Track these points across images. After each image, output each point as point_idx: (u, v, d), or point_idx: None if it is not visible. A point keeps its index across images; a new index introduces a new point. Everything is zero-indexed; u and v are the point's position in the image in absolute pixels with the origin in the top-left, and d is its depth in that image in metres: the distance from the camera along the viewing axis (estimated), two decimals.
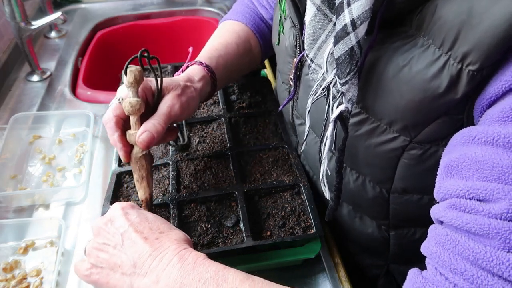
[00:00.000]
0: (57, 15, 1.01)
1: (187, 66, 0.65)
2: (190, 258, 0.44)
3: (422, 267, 0.69)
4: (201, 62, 0.65)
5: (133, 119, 0.53)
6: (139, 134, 0.52)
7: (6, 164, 0.79)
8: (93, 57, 1.19)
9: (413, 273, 0.40)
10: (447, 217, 0.37)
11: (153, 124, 0.52)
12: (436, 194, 0.40)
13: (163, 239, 0.46)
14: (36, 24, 0.98)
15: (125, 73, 0.52)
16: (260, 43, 0.78)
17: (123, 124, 0.55)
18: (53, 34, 1.22)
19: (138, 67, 0.53)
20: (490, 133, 0.36)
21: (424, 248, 0.40)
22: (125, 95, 0.54)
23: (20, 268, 0.64)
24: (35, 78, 1.03)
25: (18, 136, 0.85)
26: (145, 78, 0.55)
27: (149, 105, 0.56)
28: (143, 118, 0.53)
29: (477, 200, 0.35)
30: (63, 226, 0.66)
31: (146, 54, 0.54)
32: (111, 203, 0.61)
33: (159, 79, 0.55)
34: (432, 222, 0.59)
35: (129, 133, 0.53)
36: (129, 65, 0.52)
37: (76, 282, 0.61)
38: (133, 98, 0.52)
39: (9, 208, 0.72)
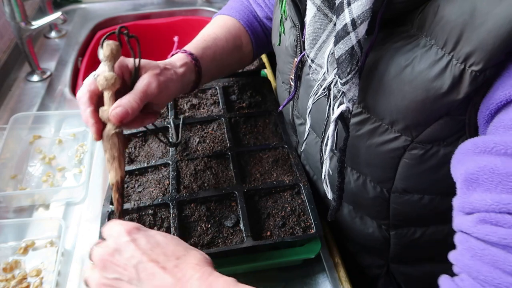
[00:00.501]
0: (57, 15, 1.01)
1: (172, 55, 0.65)
2: (219, 285, 0.41)
3: (422, 267, 0.70)
4: (185, 50, 0.65)
5: (107, 95, 0.51)
6: (113, 108, 0.49)
7: (6, 164, 0.79)
8: (93, 57, 1.19)
9: (448, 284, 0.39)
10: (481, 233, 0.36)
11: (128, 100, 0.50)
12: (460, 207, 0.39)
13: (183, 266, 0.42)
14: (36, 24, 0.98)
15: (102, 47, 0.51)
16: (252, 41, 0.78)
17: (97, 101, 0.52)
18: (53, 34, 1.22)
19: (115, 41, 0.51)
20: (509, 143, 0.35)
21: (457, 261, 0.39)
22: (101, 71, 0.52)
23: (20, 268, 0.64)
24: (35, 78, 1.03)
25: (18, 136, 0.85)
26: (122, 57, 0.54)
27: (125, 84, 0.54)
28: (119, 97, 0.51)
29: (508, 213, 0.34)
30: (63, 226, 0.66)
31: (125, 31, 0.52)
32: (111, 203, 0.61)
33: (137, 60, 0.53)
34: (433, 221, 0.59)
35: (102, 109, 0.51)
36: (106, 39, 0.51)
37: (76, 282, 0.61)
38: (108, 72, 0.50)
39: (9, 208, 0.72)
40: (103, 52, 0.50)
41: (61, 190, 0.75)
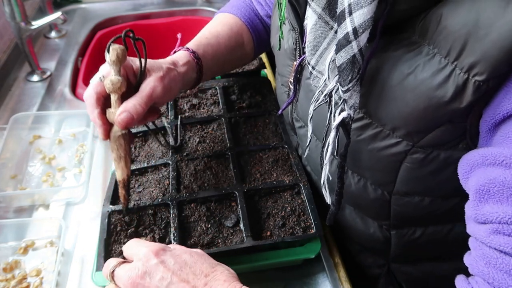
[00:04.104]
0: (57, 15, 1.01)
1: (174, 52, 0.65)
2: None
3: (423, 266, 0.70)
4: (188, 48, 0.65)
5: (113, 98, 0.52)
6: (118, 113, 0.51)
7: (6, 164, 0.79)
8: (93, 57, 1.19)
9: (464, 287, 0.41)
10: (494, 243, 0.38)
11: (134, 104, 0.51)
12: (473, 217, 0.40)
13: (212, 283, 0.44)
14: (36, 24, 0.98)
15: (108, 51, 0.51)
16: (254, 39, 0.78)
17: (104, 102, 0.54)
18: (53, 34, 1.22)
19: (121, 45, 0.52)
20: None
21: (472, 266, 0.41)
22: (106, 73, 0.53)
23: (20, 268, 0.64)
24: (35, 78, 1.03)
25: (18, 136, 0.85)
26: (128, 57, 0.54)
27: (131, 84, 0.55)
28: (124, 98, 0.53)
29: None
30: (63, 226, 0.66)
31: (131, 35, 0.53)
32: (111, 203, 0.61)
33: (143, 60, 0.54)
34: (432, 222, 0.59)
35: (109, 111, 0.53)
36: (112, 43, 0.52)
37: (76, 282, 0.61)
38: (115, 77, 0.51)
39: (9, 208, 0.72)
40: (109, 56, 0.51)
41: (61, 190, 0.75)
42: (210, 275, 0.45)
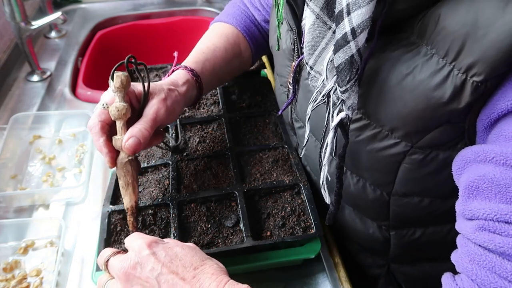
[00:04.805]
0: (57, 15, 1.02)
1: (173, 71, 0.65)
2: None
3: (422, 266, 0.70)
4: (186, 67, 0.65)
5: (119, 124, 0.53)
6: (125, 139, 0.51)
7: (6, 164, 0.79)
8: (93, 57, 1.19)
9: (449, 284, 0.41)
10: (479, 239, 0.38)
11: (139, 129, 0.52)
12: (461, 213, 0.41)
13: (201, 276, 0.44)
14: (36, 24, 0.98)
15: (112, 79, 0.52)
16: (251, 46, 0.78)
17: (109, 129, 0.54)
18: (53, 34, 1.22)
19: (125, 72, 0.53)
20: (509, 155, 0.36)
21: (457, 262, 0.41)
22: (110, 100, 0.54)
23: (20, 268, 0.64)
24: (35, 78, 1.03)
25: (18, 136, 0.85)
26: None
27: (134, 110, 0.55)
28: (128, 123, 0.53)
29: (505, 222, 0.36)
30: (63, 226, 0.66)
31: (133, 60, 0.54)
32: (111, 203, 0.61)
33: (146, 84, 0.55)
34: (432, 222, 0.59)
35: (115, 138, 0.53)
36: (116, 70, 0.53)
37: (76, 282, 0.61)
38: (120, 103, 0.52)
39: (9, 208, 0.72)
40: (114, 84, 0.52)
41: (61, 190, 0.75)
42: (199, 268, 0.45)
